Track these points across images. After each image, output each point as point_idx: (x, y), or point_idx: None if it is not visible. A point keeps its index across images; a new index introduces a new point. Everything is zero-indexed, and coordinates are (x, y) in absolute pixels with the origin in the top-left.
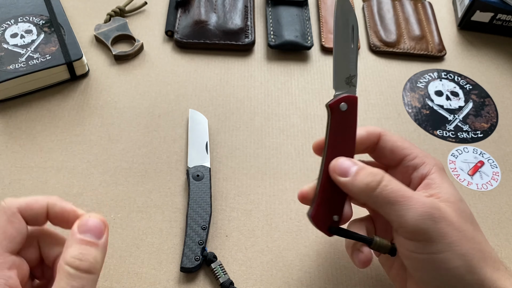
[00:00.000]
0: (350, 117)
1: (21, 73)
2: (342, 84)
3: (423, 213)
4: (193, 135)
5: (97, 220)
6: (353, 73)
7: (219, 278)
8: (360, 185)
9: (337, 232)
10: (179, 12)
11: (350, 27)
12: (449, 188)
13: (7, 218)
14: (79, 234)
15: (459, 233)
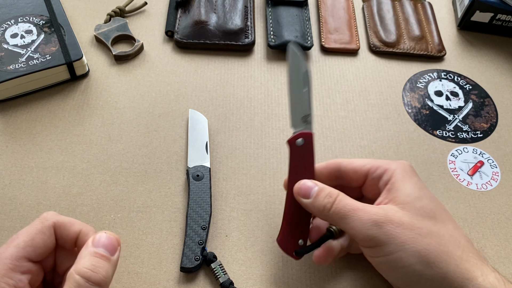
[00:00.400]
0: (307, 151)
1: (21, 73)
2: (299, 122)
3: (368, 220)
4: (193, 135)
5: (112, 237)
6: (308, 113)
7: (219, 278)
8: (319, 206)
9: (303, 253)
10: (179, 12)
11: (301, 73)
12: (407, 189)
13: (40, 229)
14: (94, 247)
15: (411, 232)
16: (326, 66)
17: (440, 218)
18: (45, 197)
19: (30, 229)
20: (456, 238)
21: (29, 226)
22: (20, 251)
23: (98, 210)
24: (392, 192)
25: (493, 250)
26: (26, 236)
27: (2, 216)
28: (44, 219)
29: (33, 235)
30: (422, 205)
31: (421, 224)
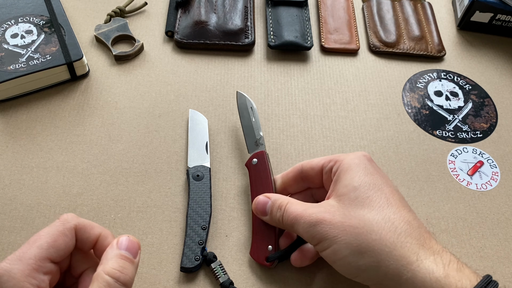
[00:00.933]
0: (262, 167)
1: (21, 73)
2: (253, 147)
3: (305, 223)
4: (193, 135)
5: (134, 240)
6: (259, 137)
7: (219, 278)
8: (275, 220)
9: (273, 258)
10: (179, 12)
11: (249, 108)
12: (347, 179)
13: (62, 230)
14: (119, 250)
15: (340, 226)
16: (326, 66)
17: (377, 204)
18: (45, 197)
19: (52, 230)
20: (392, 224)
21: (50, 227)
22: (44, 252)
23: (98, 210)
24: (335, 184)
25: (493, 250)
26: (49, 237)
27: (2, 216)
28: (65, 221)
29: (56, 236)
30: (357, 194)
31: (353, 214)
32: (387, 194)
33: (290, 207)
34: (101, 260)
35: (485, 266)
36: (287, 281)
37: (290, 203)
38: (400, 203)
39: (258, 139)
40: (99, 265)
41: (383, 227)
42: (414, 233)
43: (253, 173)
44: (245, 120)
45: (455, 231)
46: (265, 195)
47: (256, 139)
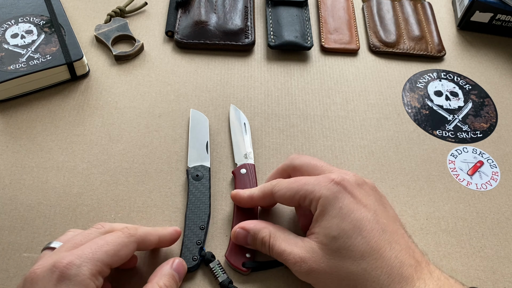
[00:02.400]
0: (249, 177)
1: (21, 73)
2: (242, 158)
3: (297, 272)
4: (194, 134)
5: (184, 266)
6: (249, 150)
7: (218, 277)
8: (261, 250)
9: (251, 266)
10: (179, 12)
11: (242, 123)
12: (325, 227)
13: (126, 243)
14: (172, 269)
15: (329, 276)
16: (326, 66)
17: (359, 253)
18: (46, 197)
19: (119, 240)
20: (379, 270)
21: (118, 237)
22: (109, 259)
23: (98, 210)
24: (315, 227)
25: (493, 250)
26: (115, 246)
27: (3, 216)
28: (129, 235)
29: (120, 247)
30: (338, 245)
31: (337, 266)
32: (367, 237)
33: (274, 245)
34: (156, 272)
35: (485, 266)
36: (286, 281)
37: (273, 239)
38: (381, 240)
39: (249, 152)
40: (154, 275)
41: (368, 277)
42: (403, 269)
43: (241, 181)
44: (236, 135)
45: (455, 231)
46: (242, 227)
47: (246, 152)
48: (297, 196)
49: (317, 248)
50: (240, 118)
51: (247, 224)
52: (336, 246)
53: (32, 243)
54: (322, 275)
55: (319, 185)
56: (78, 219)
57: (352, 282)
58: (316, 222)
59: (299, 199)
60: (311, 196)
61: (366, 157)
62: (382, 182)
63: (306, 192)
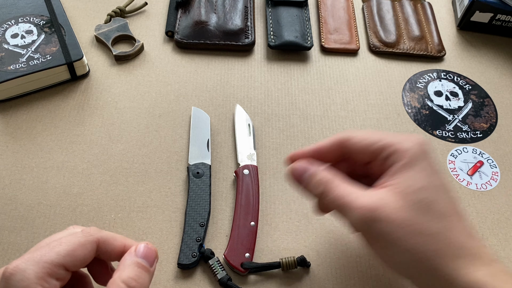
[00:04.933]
0: (252, 178)
1: (21, 73)
2: (245, 159)
3: (359, 217)
4: (195, 132)
5: (152, 249)
6: (252, 152)
7: (217, 274)
8: (313, 193)
9: (250, 267)
10: (179, 12)
11: (247, 124)
12: (411, 177)
13: (83, 242)
14: (137, 257)
15: (402, 230)
16: (326, 66)
17: (438, 213)
18: (46, 197)
19: (73, 239)
20: (447, 237)
21: (73, 236)
22: (60, 259)
23: (98, 210)
24: (395, 177)
25: (493, 250)
26: (69, 245)
27: (3, 216)
28: (88, 234)
29: (76, 246)
30: (421, 197)
31: (414, 219)
32: (451, 199)
33: (336, 189)
34: (119, 265)
35: None
36: (287, 281)
37: (335, 182)
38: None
39: (252, 154)
40: (116, 271)
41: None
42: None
43: (243, 182)
44: (241, 135)
45: None
46: (303, 164)
47: (250, 153)
48: (375, 146)
49: (395, 197)
50: (246, 118)
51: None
52: (420, 198)
53: (32, 243)
54: (395, 227)
55: (405, 139)
56: (78, 219)
57: (425, 239)
58: (397, 173)
59: (376, 150)
60: (395, 147)
61: None
62: None
63: (389, 143)
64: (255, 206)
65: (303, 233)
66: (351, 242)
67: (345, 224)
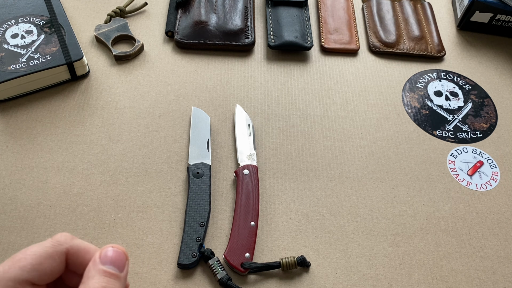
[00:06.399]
0: (252, 178)
1: (21, 74)
2: (245, 159)
3: None
4: (195, 132)
5: (119, 251)
6: (252, 152)
7: (217, 274)
8: None
9: (250, 266)
10: (179, 12)
11: (247, 125)
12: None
13: (51, 253)
14: (102, 265)
15: None
16: (326, 67)
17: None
18: (46, 197)
19: (40, 251)
20: None
21: (39, 246)
22: (25, 274)
23: (98, 210)
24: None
25: (493, 250)
26: (34, 258)
27: (3, 216)
28: (57, 243)
29: (42, 259)
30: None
31: None
32: None
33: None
34: (83, 278)
35: (485, 266)
36: (287, 281)
37: None
38: None
39: (252, 154)
40: (81, 284)
41: None
42: None
43: (243, 181)
44: (241, 135)
45: (455, 231)
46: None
47: (250, 153)
48: None
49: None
50: (246, 118)
51: None
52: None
53: (32, 243)
54: None
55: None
56: (78, 219)
57: None
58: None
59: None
60: None
61: (366, 157)
62: (382, 182)
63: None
64: (255, 206)
65: (303, 233)
66: (351, 242)
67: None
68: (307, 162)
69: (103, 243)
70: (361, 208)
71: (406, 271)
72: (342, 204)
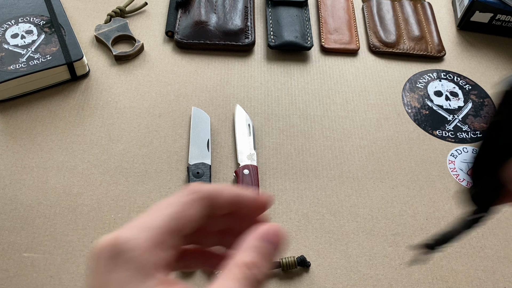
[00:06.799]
0: (252, 178)
1: (21, 73)
2: (245, 159)
3: None
4: (195, 132)
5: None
6: (252, 152)
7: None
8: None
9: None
10: (179, 12)
11: (247, 125)
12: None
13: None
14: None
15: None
16: (326, 66)
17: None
18: (46, 197)
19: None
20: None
21: (175, 197)
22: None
23: (98, 210)
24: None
25: (493, 250)
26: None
27: (3, 216)
28: (192, 192)
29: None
30: None
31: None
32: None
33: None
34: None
35: (485, 266)
36: (287, 281)
37: None
38: None
39: (252, 154)
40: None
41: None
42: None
43: (243, 181)
44: (241, 135)
45: None
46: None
47: (250, 153)
48: None
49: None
50: (246, 118)
51: None
52: None
53: (32, 243)
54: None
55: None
56: (78, 219)
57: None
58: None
59: None
60: None
61: (366, 157)
62: (382, 182)
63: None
64: None
65: (303, 233)
66: (351, 242)
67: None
68: (307, 162)
69: None
70: (361, 208)
71: (406, 271)
72: (342, 204)
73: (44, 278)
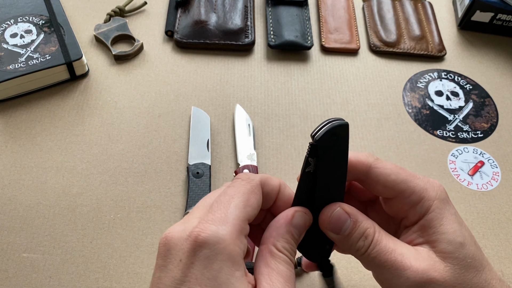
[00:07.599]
0: None
1: (20, 73)
2: (245, 159)
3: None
4: (195, 132)
5: (307, 219)
6: (252, 152)
7: None
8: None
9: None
10: (179, 12)
11: (247, 124)
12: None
13: (251, 188)
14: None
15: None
16: (326, 66)
17: (478, 266)
18: (45, 197)
19: (242, 189)
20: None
21: (238, 187)
22: (243, 212)
23: (97, 210)
24: (429, 233)
25: (494, 250)
26: (242, 196)
27: (2, 216)
28: (250, 179)
29: (247, 195)
30: (465, 254)
31: (462, 278)
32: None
33: (381, 242)
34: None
35: None
36: None
37: (379, 234)
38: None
39: (252, 154)
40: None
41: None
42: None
43: None
44: (241, 135)
45: None
46: (344, 209)
47: (250, 153)
48: (402, 186)
49: (437, 258)
50: (246, 118)
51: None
52: (463, 255)
53: (32, 243)
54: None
55: (431, 184)
56: (77, 219)
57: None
58: (431, 227)
59: (402, 190)
60: (424, 194)
61: None
62: None
63: (417, 187)
64: None
65: None
66: None
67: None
68: None
69: (103, 244)
70: None
71: None
72: None
73: (43, 279)
